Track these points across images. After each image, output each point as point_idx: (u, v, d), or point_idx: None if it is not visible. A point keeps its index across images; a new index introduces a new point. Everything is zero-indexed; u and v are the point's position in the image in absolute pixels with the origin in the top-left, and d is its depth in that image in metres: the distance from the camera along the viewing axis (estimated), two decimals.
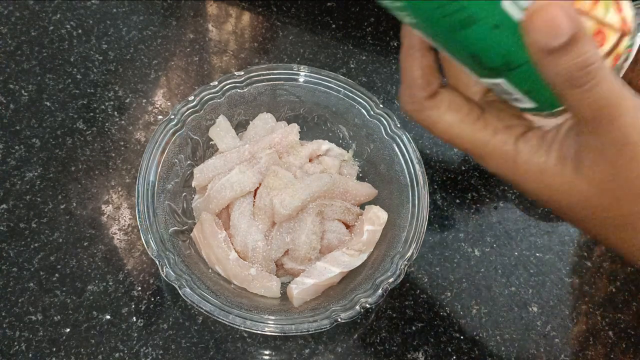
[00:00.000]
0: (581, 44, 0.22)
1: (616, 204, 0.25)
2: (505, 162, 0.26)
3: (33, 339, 0.44)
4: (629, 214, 0.25)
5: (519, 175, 0.26)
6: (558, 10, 0.21)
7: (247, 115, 0.50)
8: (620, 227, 0.26)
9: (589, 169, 0.25)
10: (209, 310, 0.40)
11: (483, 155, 0.27)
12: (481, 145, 0.26)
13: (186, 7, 0.58)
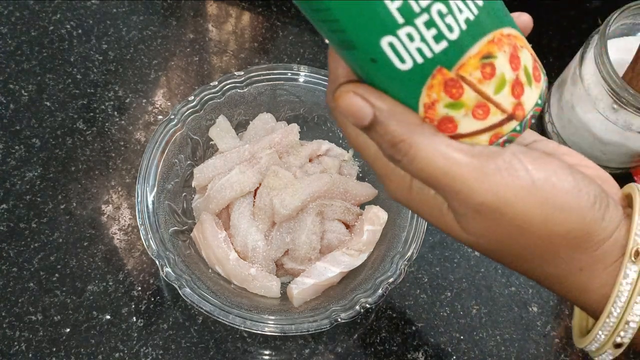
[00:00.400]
0: (384, 125, 0.23)
1: (501, 250, 0.26)
2: (401, 188, 0.26)
3: (33, 339, 0.44)
4: (517, 254, 0.26)
5: (413, 204, 0.26)
6: (354, 98, 0.23)
7: (247, 115, 0.50)
8: (517, 262, 0.26)
9: (464, 223, 0.25)
10: (209, 310, 0.40)
11: (382, 175, 0.27)
12: (382, 164, 0.26)
13: (186, 7, 0.58)
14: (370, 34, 0.22)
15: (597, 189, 0.25)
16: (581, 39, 0.50)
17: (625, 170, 0.52)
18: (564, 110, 0.51)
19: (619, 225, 0.25)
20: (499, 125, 0.24)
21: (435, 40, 0.22)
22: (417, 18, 0.21)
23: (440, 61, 0.22)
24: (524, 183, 0.24)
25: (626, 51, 0.48)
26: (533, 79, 0.24)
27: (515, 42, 0.24)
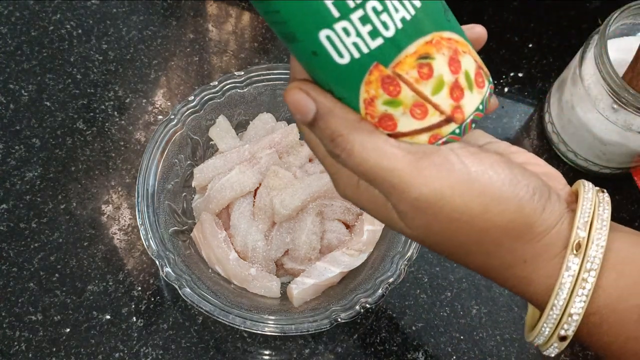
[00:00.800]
0: (324, 120, 0.24)
1: (444, 243, 0.26)
2: (349, 186, 0.26)
3: (33, 339, 0.44)
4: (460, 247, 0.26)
5: (360, 201, 0.27)
6: (299, 93, 0.24)
7: (247, 115, 0.50)
8: (461, 255, 0.27)
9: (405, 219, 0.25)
10: (209, 310, 0.40)
11: (331, 173, 0.27)
12: (330, 162, 0.26)
13: (186, 7, 0.58)
14: (309, 27, 0.22)
15: (537, 181, 0.25)
16: (581, 39, 0.50)
17: (625, 170, 0.52)
18: (564, 110, 0.51)
19: (562, 218, 0.25)
20: (437, 127, 0.24)
21: (371, 37, 0.22)
22: (352, 13, 0.22)
23: (377, 57, 0.23)
24: (460, 176, 0.24)
25: (626, 51, 0.48)
26: (475, 85, 0.25)
27: (457, 47, 0.24)
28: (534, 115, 0.56)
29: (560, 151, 0.53)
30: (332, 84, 0.24)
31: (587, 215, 0.25)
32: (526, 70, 0.58)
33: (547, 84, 0.57)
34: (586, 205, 0.25)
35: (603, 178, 0.53)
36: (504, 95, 0.57)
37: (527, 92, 0.57)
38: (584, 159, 0.52)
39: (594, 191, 0.26)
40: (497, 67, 0.57)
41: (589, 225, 0.25)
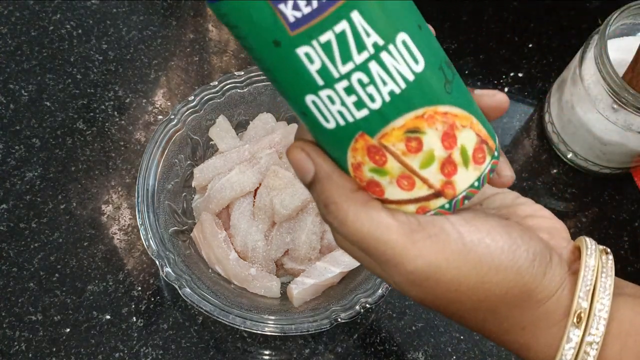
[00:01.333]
0: (321, 185, 0.24)
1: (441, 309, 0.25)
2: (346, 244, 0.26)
3: (33, 339, 0.44)
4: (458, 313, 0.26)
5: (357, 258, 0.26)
6: (300, 153, 0.24)
7: (247, 115, 0.50)
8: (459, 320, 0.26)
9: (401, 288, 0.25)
10: (209, 310, 0.40)
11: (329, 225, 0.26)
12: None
13: (186, 7, 0.58)
14: (296, 90, 0.22)
15: (538, 245, 0.24)
16: (581, 39, 0.50)
17: (625, 170, 0.52)
18: (564, 110, 0.51)
19: (563, 284, 0.24)
20: (425, 200, 0.24)
21: (356, 107, 0.22)
22: (337, 83, 0.21)
23: (362, 127, 0.22)
24: (455, 247, 0.23)
25: (626, 51, 0.48)
26: (472, 161, 0.23)
27: (454, 121, 0.23)
28: (534, 115, 0.56)
29: (560, 151, 0.53)
30: (323, 144, 0.24)
31: (589, 282, 0.24)
32: (526, 70, 0.57)
33: (547, 84, 0.57)
34: (588, 273, 0.24)
35: (603, 178, 0.53)
36: None
37: (527, 92, 0.57)
38: (584, 159, 0.52)
39: (596, 254, 0.25)
40: (497, 67, 0.57)
41: (590, 294, 0.24)
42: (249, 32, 0.21)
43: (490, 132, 0.25)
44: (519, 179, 0.53)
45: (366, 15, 0.21)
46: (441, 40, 0.63)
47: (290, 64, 0.21)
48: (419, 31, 0.22)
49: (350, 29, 0.20)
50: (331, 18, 0.20)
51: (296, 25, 0.20)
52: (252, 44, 0.22)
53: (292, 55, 0.21)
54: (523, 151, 0.55)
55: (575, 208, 0.52)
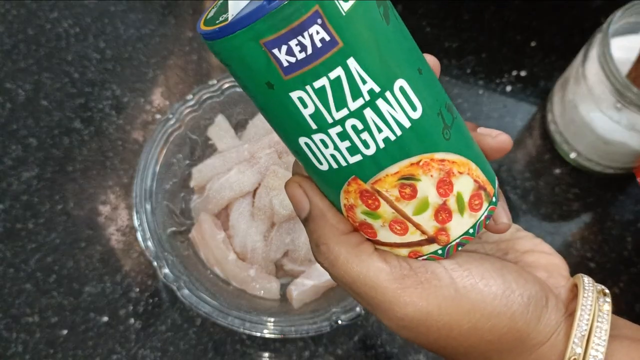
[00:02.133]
0: (314, 223, 0.24)
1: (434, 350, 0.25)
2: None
3: (30, 341, 0.44)
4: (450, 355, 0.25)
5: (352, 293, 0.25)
6: (297, 189, 0.24)
7: (246, 114, 0.49)
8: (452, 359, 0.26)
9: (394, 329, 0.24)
10: (208, 311, 0.40)
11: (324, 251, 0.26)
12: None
13: (185, 5, 0.58)
14: (289, 130, 0.22)
15: (534, 288, 0.24)
16: (584, 37, 0.49)
17: (628, 170, 0.51)
18: (567, 109, 0.50)
19: (558, 328, 0.24)
20: (417, 245, 0.23)
21: (349, 152, 0.21)
22: (330, 128, 0.21)
23: (355, 172, 0.22)
24: (447, 293, 0.23)
25: (629, 50, 0.47)
26: (467, 208, 0.23)
27: (451, 168, 0.22)
28: (537, 114, 0.56)
29: (563, 151, 0.53)
30: (316, 182, 0.24)
31: (585, 327, 0.24)
32: (529, 69, 0.57)
33: (550, 83, 0.56)
34: (584, 317, 0.24)
35: (606, 178, 0.53)
36: (506, 94, 0.56)
37: (530, 91, 0.56)
38: (587, 159, 0.51)
39: (594, 295, 0.25)
40: (499, 65, 0.57)
41: (585, 340, 0.24)
42: (242, 72, 0.21)
43: (490, 177, 0.24)
44: (521, 179, 0.53)
45: (363, 62, 0.20)
46: (443, 39, 0.63)
47: (283, 106, 0.21)
48: (419, 76, 0.22)
49: (345, 76, 0.20)
50: (326, 64, 0.20)
51: (290, 70, 0.20)
52: (245, 83, 0.21)
53: (285, 99, 0.21)
54: (525, 151, 0.54)
55: (578, 208, 0.52)
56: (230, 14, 0.21)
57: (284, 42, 0.19)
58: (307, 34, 0.19)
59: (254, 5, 0.19)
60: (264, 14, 0.19)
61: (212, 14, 0.22)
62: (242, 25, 0.19)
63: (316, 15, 0.19)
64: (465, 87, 0.56)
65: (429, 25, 0.58)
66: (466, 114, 0.55)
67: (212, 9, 0.22)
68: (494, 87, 0.56)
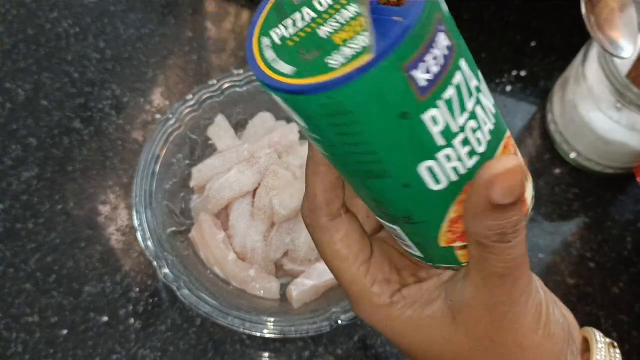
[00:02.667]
0: (520, 205, 0.22)
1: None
2: (378, 315, 0.26)
3: (30, 341, 0.44)
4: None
5: (390, 328, 0.26)
6: (521, 173, 0.21)
7: (246, 114, 0.49)
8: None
9: (471, 322, 0.24)
10: (208, 311, 0.40)
11: (357, 301, 0.26)
12: (357, 291, 0.25)
13: (185, 5, 0.58)
14: (409, 162, 0.20)
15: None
16: (584, 37, 0.49)
17: (628, 170, 0.51)
18: (567, 109, 0.50)
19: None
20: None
21: (469, 156, 0.21)
22: (455, 138, 0.20)
23: (472, 176, 0.21)
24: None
25: None
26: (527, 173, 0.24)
27: (510, 140, 0.23)
28: (537, 114, 0.56)
29: (563, 151, 0.53)
30: (413, 211, 0.22)
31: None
32: (529, 69, 0.57)
33: (550, 83, 0.56)
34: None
35: (606, 178, 0.53)
36: (506, 94, 0.56)
37: (530, 91, 0.56)
38: (587, 159, 0.51)
39: (606, 347, 0.25)
40: (499, 65, 0.57)
41: None
42: (366, 115, 0.18)
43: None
44: None
45: (468, 60, 0.20)
46: None
47: (413, 134, 0.19)
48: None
49: (463, 78, 0.19)
50: (451, 71, 0.19)
51: (426, 90, 0.18)
52: (361, 128, 0.19)
53: (417, 124, 0.19)
54: (525, 151, 0.54)
55: (578, 208, 0.52)
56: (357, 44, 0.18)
57: (421, 59, 0.18)
58: (438, 44, 0.18)
59: (386, 27, 0.17)
60: (405, 33, 0.17)
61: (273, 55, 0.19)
62: (387, 54, 0.17)
63: (440, 21, 0.18)
64: None
65: None
66: None
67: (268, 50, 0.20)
68: (494, 87, 0.56)
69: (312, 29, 0.19)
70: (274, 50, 0.20)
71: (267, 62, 0.19)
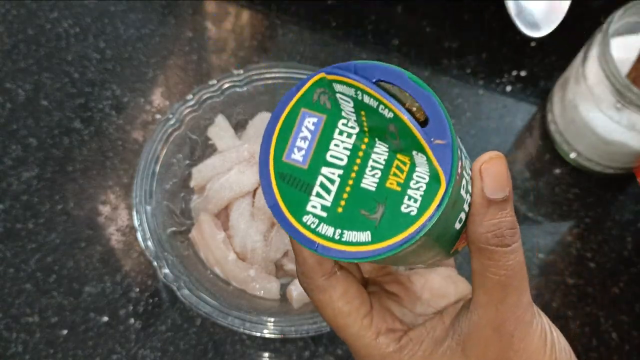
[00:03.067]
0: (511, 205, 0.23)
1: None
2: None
3: (30, 341, 0.44)
4: None
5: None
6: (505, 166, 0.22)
7: (246, 114, 0.49)
8: None
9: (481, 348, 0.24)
10: (208, 311, 0.40)
11: (365, 355, 0.26)
12: (364, 345, 0.25)
13: (185, 5, 0.58)
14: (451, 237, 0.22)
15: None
16: (584, 37, 0.49)
17: (628, 170, 0.51)
18: (567, 109, 0.50)
19: None
20: None
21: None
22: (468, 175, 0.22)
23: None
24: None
25: (630, 49, 0.47)
26: None
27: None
28: (537, 114, 0.56)
29: (563, 151, 0.53)
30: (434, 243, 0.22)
31: None
32: (529, 69, 0.57)
33: (550, 83, 0.56)
34: None
35: (606, 178, 0.53)
36: (506, 94, 0.56)
37: (530, 91, 0.56)
38: (587, 159, 0.51)
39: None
40: (499, 65, 0.57)
41: None
42: (436, 228, 0.19)
43: None
44: (522, 179, 0.53)
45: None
46: (443, 39, 0.62)
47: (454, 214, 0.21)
48: None
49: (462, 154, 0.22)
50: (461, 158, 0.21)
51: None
52: (430, 240, 0.20)
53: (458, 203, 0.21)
54: (525, 151, 0.54)
55: (578, 208, 0.52)
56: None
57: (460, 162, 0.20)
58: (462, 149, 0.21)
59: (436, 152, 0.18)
60: (454, 153, 0.18)
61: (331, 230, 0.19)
62: (452, 177, 0.18)
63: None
64: (465, 87, 0.56)
65: (429, 25, 0.57)
66: (466, 114, 0.55)
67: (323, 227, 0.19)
68: (494, 87, 0.56)
69: (351, 186, 0.19)
70: (328, 224, 0.19)
71: (335, 239, 0.19)
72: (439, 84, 0.56)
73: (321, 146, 0.19)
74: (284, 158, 0.19)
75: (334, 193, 0.19)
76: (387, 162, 0.18)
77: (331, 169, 0.19)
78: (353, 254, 0.18)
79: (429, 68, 0.56)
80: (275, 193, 0.19)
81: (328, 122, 0.19)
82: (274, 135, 0.19)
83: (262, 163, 0.20)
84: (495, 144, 0.54)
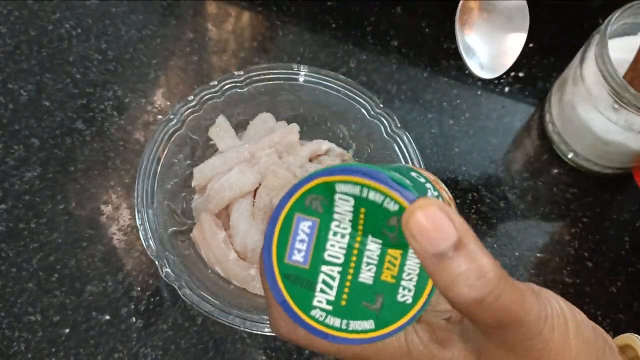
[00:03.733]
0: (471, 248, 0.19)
1: None
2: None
3: (32, 340, 0.44)
4: None
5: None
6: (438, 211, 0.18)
7: (247, 115, 0.50)
8: None
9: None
10: (209, 310, 0.40)
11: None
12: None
13: (185, 6, 0.58)
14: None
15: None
16: (582, 38, 0.50)
17: (626, 170, 0.51)
18: (565, 110, 0.51)
19: None
20: None
21: None
22: None
23: None
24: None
25: (627, 50, 0.48)
26: None
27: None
28: (535, 115, 0.56)
29: (562, 151, 0.53)
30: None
31: None
32: (527, 70, 0.57)
33: (548, 84, 0.56)
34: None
35: (604, 178, 0.53)
36: (504, 95, 0.57)
37: (528, 91, 0.57)
38: (585, 159, 0.52)
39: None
40: None
41: None
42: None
43: None
44: (520, 179, 0.53)
45: None
46: (443, 40, 0.63)
47: None
48: None
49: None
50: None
51: None
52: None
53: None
54: (524, 151, 0.54)
55: (576, 208, 0.52)
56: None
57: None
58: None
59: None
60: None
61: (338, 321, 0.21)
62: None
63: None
64: (464, 87, 0.56)
65: (428, 26, 0.58)
66: (465, 114, 0.55)
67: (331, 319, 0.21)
68: (492, 87, 0.57)
69: (350, 281, 0.21)
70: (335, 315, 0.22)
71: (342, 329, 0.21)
72: (438, 85, 0.56)
73: (318, 247, 0.21)
74: (286, 259, 0.22)
75: (335, 288, 0.21)
76: (379, 258, 0.21)
77: (330, 267, 0.21)
78: (360, 340, 0.21)
79: (428, 69, 0.56)
80: (283, 292, 0.22)
81: (322, 225, 0.21)
82: (274, 238, 0.21)
83: (267, 264, 0.22)
84: (493, 144, 0.54)
